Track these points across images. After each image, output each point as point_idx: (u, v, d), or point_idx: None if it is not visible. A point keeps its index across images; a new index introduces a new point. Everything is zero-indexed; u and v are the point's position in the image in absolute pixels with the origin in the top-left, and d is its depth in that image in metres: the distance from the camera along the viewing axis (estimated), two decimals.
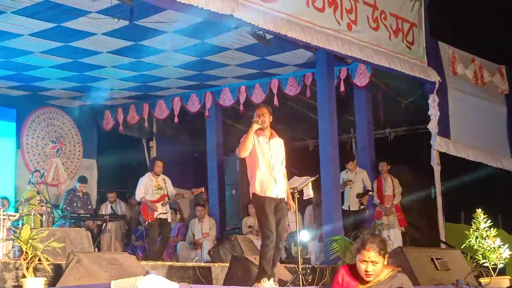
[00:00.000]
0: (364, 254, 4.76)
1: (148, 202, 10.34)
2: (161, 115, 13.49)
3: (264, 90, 12.22)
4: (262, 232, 6.88)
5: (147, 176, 10.59)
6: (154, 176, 10.56)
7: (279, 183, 7.01)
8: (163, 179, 10.64)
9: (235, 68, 11.47)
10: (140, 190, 10.46)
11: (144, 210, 10.47)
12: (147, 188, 10.44)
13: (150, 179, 10.53)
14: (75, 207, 11.78)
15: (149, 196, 10.41)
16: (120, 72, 11.37)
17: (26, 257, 6.00)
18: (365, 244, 4.76)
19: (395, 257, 7.55)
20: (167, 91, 12.98)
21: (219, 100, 12.85)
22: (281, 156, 7.17)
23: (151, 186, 10.46)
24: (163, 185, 10.55)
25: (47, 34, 9.41)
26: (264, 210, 6.86)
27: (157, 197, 10.44)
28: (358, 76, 11.21)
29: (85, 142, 14.09)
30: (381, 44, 10.28)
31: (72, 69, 11.16)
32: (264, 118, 7.09)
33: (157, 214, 10.36)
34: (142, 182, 10.51)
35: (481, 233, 7.36)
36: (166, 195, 10.50)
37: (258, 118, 7.09)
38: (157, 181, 10.54)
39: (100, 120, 14.17)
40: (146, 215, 10.39)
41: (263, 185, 6.95)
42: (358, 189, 11.28)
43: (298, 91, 11.92)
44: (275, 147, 7.13)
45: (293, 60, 11.15)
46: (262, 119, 7.08)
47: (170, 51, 10.37)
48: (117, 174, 13.95)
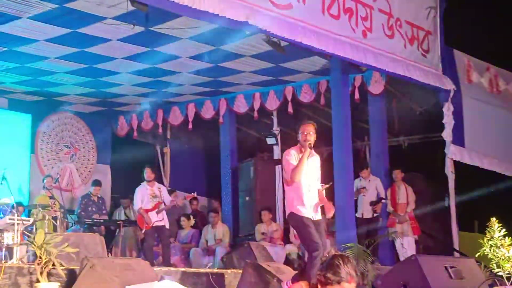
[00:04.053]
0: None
1: (144, 214, 10.38)
2: (175, 121, 13.52)
3: (279, 97, 12.22)
4: (308, 245, 6.64)
5: (142, 185, 10.63)
6: (149, 184, 10.60)
7: (314, 203, 6.79)
8: (158, 187, 10.68)
9: (250, 75, 11.47)
10: (137, 200, 10.52)
11: (140, 219, 10.53)
12: (143, 197, 10.49)
13: (145, 188, 10.57)
14: (90, 211, 11.80)
15: (145, 204, 10.46)
16: (135, 78, 11.41)
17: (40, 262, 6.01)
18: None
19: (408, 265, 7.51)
20: (182, 97, 13.01)
21: (233, 106, 12.86)
22: (317, 174, 6.94)
23: (147, 195, 10.51)
24: (158, 193, 10.58)
25: (62, 40, 9.46)
26: (303, 223, 6.67)
27: (152, 205, 10.47)
28: (372, 84, 11.18)
29: (99, 148, 14.14)
30: (396, 52, 10.25)
31: (87, 75, 11.21)
32: (311, 137, 6.76)
33: (153, 221, 10.39)
34: (139, 192, 10.56)
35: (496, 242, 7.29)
36: (160, 202, 10.53)
37: (306, 137, 6.71)
38: (152, 189, 10.58)
39: (115, 126, 14.22)
40: (142, 224, 10.43)
41: (304, 207, 6.76)
42: (372, 197, 11.24)
43: (312, 98, 11.92)
44: (312, 166, 6.88)
45: (308, 67, 11.14)
46: (310, 138, 6.74)
47: (185, 57, 10.39)
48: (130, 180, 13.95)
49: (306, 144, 6.74)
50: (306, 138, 6.76)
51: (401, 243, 11.01)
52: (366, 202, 11.21)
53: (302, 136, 6.79)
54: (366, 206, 11.18)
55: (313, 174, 6.90)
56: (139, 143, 14.34)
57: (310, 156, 6.89)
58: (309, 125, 6.85)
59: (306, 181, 6.81)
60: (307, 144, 6.74)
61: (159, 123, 13.65)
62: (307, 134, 6.77)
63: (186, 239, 12.30)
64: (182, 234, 12.42)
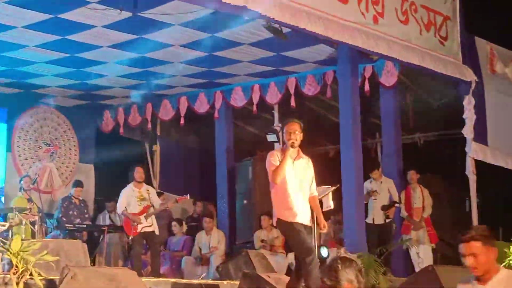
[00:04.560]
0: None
1: (130, 215, 10.42)
2: (166, 116, 13.55)
3: (280, 90, 12.25)
4: (300, 250, 6.83)
5: (129, 187, 10.66)
6: (137, 186, 10.63)
7: (303, 209, 6.99)
8: (146, 189, 10.71)
9: (248, 65, 11.50)
10: (122, 202, 10.55)
11: (126, 224, 10.55)
12: (129, 200, 10.52)
13: (132, 190, 10.61)
14: (71, 215, 11.83)
15: (132, 208, 10.49)
16: (122, 68, 11.43)
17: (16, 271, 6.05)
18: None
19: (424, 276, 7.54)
20: (173, 90, 13.04)
21: (230, 100, 12.89)
22: (307, 179, 7.11)
23: (134, 197, 10.54)
24: (146, 195, 10.60)
25: (42, 27, 9.48)
26: (293, 228, 6.86)
27: (140, 209, 10.50)
28: (384, 75, 11.20)
29: (82, 145, 14.18)
30: (410, 39, 10.27)
31: (69, 65, 11.24)
32: (296, 136, 7.00)
33: (141, 227, 10.43)
34: (124, 194, 10.59)
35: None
36: (149, 206, 10.57)
37: (290, 137, 6.97)
38: (140, 191, 10.61)
39: (99, 121, 14.26)
40: (129, 230, 10.45)
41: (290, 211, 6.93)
42: (384, 201, 11.26)
43: (317, 91, 11.94)
44: (299, 169, 7.06)
45: (313, 57, 11.16)
46: (294, 137, 6.99)
47: (177, 45, 10.42)
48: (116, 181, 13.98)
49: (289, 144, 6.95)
50: (290, 137, 6.96)
51: (417, 252, 11.04)
52: (377, 206, 11.23)
53: (286, 135, 7.01)
54: (378, 210, 11.20)
55: (301, 177, 7.05)
56: (126, 140, 14.36)
57: (297, 158, 7.08)
58: (293, 123, 7.05)
59: (292, 185, 6.99)
60: (289, 144, 6.93)
61: (148, 118, 13.69)
62: (291, 133, 6.97)
63: (178, 247, 12.34)
64: (173, 241, 12.47)
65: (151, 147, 14.88)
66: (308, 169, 7.16)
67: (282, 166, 6.91)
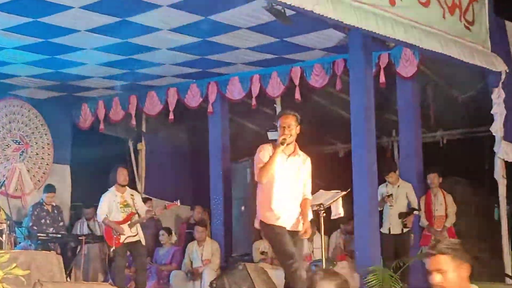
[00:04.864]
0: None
1: (112, 223, 10.44)
2: (153, 110, 13.57)
3: (283, 80, 12.26)
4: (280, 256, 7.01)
5: (111, 191, 10.71)
6: (119, 190, 10.65)
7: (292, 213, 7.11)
8: (130, 194, 10.76)
9: (247, 52, 11.51)
10: (103, 209, 10.60)
11: (107, 234, 10.60)
12: (111, 206, 10.56)
13: (114, 195, 10.65)
14: (44, 224, 11.86)
15: (114, 215, 10.54)
16: (102, 55, 11.44)
17: None
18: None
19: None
20: (161, 80, 13.06)
21: (226, 92, 12.91)
22: (300, 179, 7.23)
23: (116, 203, 10.58)
24: (130, 201, 10.64)
25: (11, 7, 9.45)
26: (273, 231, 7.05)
27: (123, 216, 10.56)
28: (402, 64, 11.21)
29: (56, 144, 14.20)
30: (432, 24, 10.28)
31: (42, 51, 11.23)
32: (291, 131, 7.11)
33: (124, 237, 10.48)
34: (105, 199, 10.65)
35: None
36: (134, 213, 10.59)
37: (284, 131, 7.08)
38: (122, 196, 10.64)
39: (76, 115, 14.29)
40: (111, 240, 10.49)
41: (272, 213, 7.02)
42: (401, 207, 11.29)
43: (325, 82, 11.95)
44: (292, 167, 7.19)
45: (320, 43, 11.17)
46: (288, 132, 7.09)
47: (165, 30, 10.43)
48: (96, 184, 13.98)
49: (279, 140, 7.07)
50: (284, 132, 7.09)
51: None
52: (394, 213, 11.26)
53: (280, 130, 7.13)
54: (394, 219, 11.23)
55: (293, 177, 7.17)
56: (107, 138, 14.39)
57: (292, 154, 7.19)
58: (288, 116, 7.19)
59: (281, 184, 7.12)
60: (280, 140, 7.04)
61: (132, 113, 13.72)
62: (285, 128, 7.10)
63: (166, 259, 12.37)
64: (161, 252, 12.50)
65: (135, 145, 14.91)
66: (304, 168, 7.29)
67: (271, 164, 7.05)
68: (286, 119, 7.18)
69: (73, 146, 14.36)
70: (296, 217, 7.25)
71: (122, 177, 10.72)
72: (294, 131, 7.15)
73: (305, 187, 7.32)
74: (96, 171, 13.88)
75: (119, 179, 10.69)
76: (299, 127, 7.24)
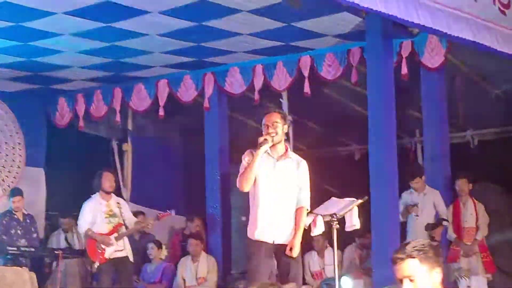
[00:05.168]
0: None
1: (96, 236, 10.42)
2: (140, 105, 13.56)
3: (290, 72, 12.24)
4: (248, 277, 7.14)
5: (94, 199, 10.73)
6: (105, 197, 10.64)
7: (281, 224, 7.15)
8: (117, 202, 10.76)
9: (249, 39, 11.49)
10: (85, 219, 10.61)
11: (91, 247, 10.60)
12: (95, 216, 10.56)
13: (98, 203, 10.66)
14: (14, 235, 11.84)
15: (98, 226, 10.53)
16: (82, 42, 11.42)
17: None
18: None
19: None
20: (149, 71, 13.05)
21: (225, 85, 12.90)
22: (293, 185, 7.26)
23: (100, 212, 10.57)
24: (117, 210, 10.64)
25: None
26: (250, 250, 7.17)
27: (110, 228, 10.56)
28: (427, 53, 11.20)
29: (29, 143, 14.18)
30: (462, 7, 10.24)
31: (13, 37, 11.21)
32: (276, 129, 7.19)
33: (110, 252, 10.47)
34: (88, 208, 10.66)
35: None
36: (121, 224, 10.57)
37: (267, 130, 7.12)
38: (108, 205, 10.65)
39: (52, 111, 14.27)
40: (94, 255, 10.50)
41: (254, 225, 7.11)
42: (428, 218, 11.24)
43: (339, 74, 11.92)
44: (283, 171, 7.23)
45: (334, 29, 11.15)
46: (273, 131, 7.15)
47: (155, 12, 10.41)
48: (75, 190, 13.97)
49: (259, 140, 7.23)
50: (267, 131, 7.24)
51: (468, 286, 11.03)
52: (419, 225, 11.21)
53: (263, 129, 7.28)
54: (420, 231, 11.17)
55: (283, 183, 7.24)
56: (88, 137, 14.38)
57: (282, 157, 7.27)
58: (272, 114, 7.35)
59: (268, 192, 7.20)
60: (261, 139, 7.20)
61: (117, 108, 13.72)
62: (268, 127, 7.23)
63: (155, 277, 12.36)
64: (149, 269, 12.47)
65: (120, 146, 14.89)
66: (298, 173, 7.32)
67: (250, 168, 7.17)
68: (270, 117, 7.30)
69: (49, 147, 14.34)
70: (289, 229, 7.29)
71: (108, 182, 10.71)
72: (281, 129, 7.24)
73: (301, 193, 7.34)
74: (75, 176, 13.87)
75: (105, 185, 10.69)
76: (286, 126, 7.33)
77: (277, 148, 7.34)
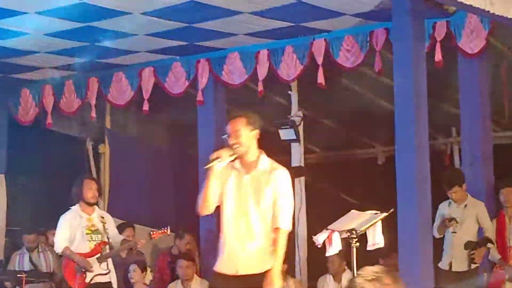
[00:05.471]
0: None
1: (75, 256, 10.47)
2: (120, 98, 13.59)
3: (301, 58, 12.25)
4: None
5: (73, 211, 10.75)
6: (86, 210, 10.69)
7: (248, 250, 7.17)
8: (100, 216, 10.77)
9: (251, 18, 11.50)
10: (62, 236, 10.64)
11: (68, 270, 10.63)
12: (74, 232, 10.59)
13: (78, 217, 10.69)
14: None
15: (78, 245, 10.58)
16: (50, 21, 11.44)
17: None
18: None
19: None
20: (132, 57, 13.12)
21: (222, 74, 12.92)
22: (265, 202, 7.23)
23: (81, 227, 10.61)
24: (100, 226, 10.65)
25: None
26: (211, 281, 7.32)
27: (91, 247, 10.59)
28: (466, 36, 11.21)
29: None
30: None
31: None
32: (239, 139, 7.22)
33: (92, 275, 10.51)
34: (65, 222, 10.69)
35: None
36: (105, 242, 10.63)
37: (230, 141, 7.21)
38: (90, 219, 10.68)
39: (14, 105, 14.29)
40: (72, 279, 10.54)
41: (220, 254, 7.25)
42: (468, 235, 11.22)
43: (360, 61, 11.93)
44: (251, 186, 7.24)
45: (353, 6, 11.16)
46: (235, 141, 7.21)
47: None
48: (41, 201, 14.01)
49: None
50: (230, 142, 7.26)
51: None
52: (457, 243, 11.22)
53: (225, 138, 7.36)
54: (458, 250, 11.20)
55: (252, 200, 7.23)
56: (57, 137, 14.42)
57: (250, 170, 7.26)
58: (234, 121, 7.36)
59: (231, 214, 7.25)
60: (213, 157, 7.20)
61: (92, 102, 13.76)
62: (231, 135, 7.25)
63: None
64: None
65: (96, 147, 14.91)
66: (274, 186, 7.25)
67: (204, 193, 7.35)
68: (232, 125, 7.31)
69: (10, 148, 14.34)
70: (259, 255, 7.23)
71: (90, 192, 10.72)
72: (246, 138, 7.23)
73: (277, 211, 7.24)
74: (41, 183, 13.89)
75: (86, 195, 10.69)
76: (255, 132, 7.35)
77: (246, 159, 7.31)
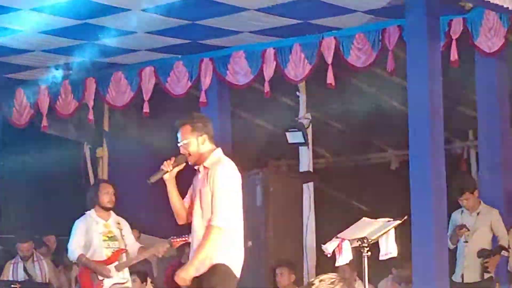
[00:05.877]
0: None
1: (91, 263, 10.40)
2: (119, 100, 13.58)
3: (310, 57, 12.22)
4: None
5: (88, 217, 10.69)
6: (102, 215, 10.63)
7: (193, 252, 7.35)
8: (116, 222, 10.73)
9: (257, 15, 11.48)
10: (77, 242, 10.57)
11: (85, 279, 10.56)
12: (90, 238, 10.51)
13: (94, 222, 10.62)
14: None
15: (95, 252, 10.51)
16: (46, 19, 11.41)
17: None
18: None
19: None
20: (131, 56, 13.11)
21: (227, 74, 12.90)
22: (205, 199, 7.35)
23: (97, 233, 10.54)
24: (117, 232, 10.61)
25: None
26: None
27: (108, 254, 10.52)
28: (484, 34, 11.17)
29: None
30: None
31: None
32: (188, 148, 7.43)
33: (110, 284, 10.43)
34: (81, 228, 10.63)
35: None
36: (123, 250, 10.56)
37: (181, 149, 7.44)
38: (106, 225, 10.63)
39: (8, 107, 14.26)
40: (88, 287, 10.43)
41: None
42: (481, 244, 11.20)
43: (371, 60, 11.90)
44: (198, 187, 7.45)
45: (364, 3, 11.13)
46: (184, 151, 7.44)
47: None
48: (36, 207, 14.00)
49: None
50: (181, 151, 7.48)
51: None
52: (470, 253, 11.20)
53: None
54: (471, 260, 11.17)
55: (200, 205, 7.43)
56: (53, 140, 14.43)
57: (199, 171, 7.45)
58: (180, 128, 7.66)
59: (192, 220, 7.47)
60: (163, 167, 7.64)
61: (90, 104, 13.74)
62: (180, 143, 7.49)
63: None
64: None
65: (93, 151, 14.89)
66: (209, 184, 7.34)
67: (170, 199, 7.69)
68: (179, 134, 7.56)
69: (3, 151, 14.35)
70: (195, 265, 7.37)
71: (107, 196, 10.68)
72: (194, 147, 7.40)
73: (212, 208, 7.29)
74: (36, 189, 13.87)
75: (103, 200, 10.65)
76: (203, 137, 7.43)
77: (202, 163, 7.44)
